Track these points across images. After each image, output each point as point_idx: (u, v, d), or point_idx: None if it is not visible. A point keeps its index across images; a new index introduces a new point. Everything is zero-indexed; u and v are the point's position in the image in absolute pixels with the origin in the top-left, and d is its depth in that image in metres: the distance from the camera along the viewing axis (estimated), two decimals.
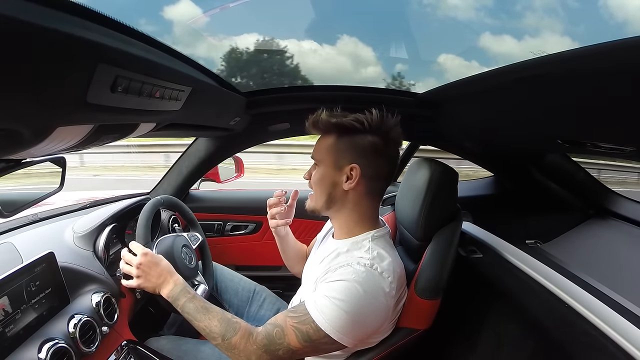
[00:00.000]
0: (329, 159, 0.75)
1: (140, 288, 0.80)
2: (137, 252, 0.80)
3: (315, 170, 0.78)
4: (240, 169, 1.53)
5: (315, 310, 0.65)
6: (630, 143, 0.60)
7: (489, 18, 1.07)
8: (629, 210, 1.14)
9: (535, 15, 1.03)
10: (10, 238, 0.82)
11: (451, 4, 0.92)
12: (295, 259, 1.03)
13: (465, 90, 0.86)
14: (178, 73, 0.60)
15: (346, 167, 0.73)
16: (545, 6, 1.02)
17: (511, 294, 0.90)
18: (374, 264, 0.68)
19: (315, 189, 0.78)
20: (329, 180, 0.75)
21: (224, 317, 0.70)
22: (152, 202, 0.93)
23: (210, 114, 0.96)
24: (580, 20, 1.04)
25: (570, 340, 0.71)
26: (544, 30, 1.00)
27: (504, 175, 1.44)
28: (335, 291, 0.65)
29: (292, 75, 0.97)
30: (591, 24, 1.00)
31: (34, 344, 0.62)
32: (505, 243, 0.95)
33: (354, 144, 0.74)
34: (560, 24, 1.04)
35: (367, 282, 0.65)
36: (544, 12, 1.03)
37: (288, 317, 0.67)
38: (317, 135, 0.80)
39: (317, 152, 0.78)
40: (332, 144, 0.75)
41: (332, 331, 0.64)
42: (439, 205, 0.84)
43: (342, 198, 0.76)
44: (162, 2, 0.83)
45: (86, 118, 0.47)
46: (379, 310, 0.68)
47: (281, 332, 0.66)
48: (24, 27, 0.27)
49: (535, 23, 1.03)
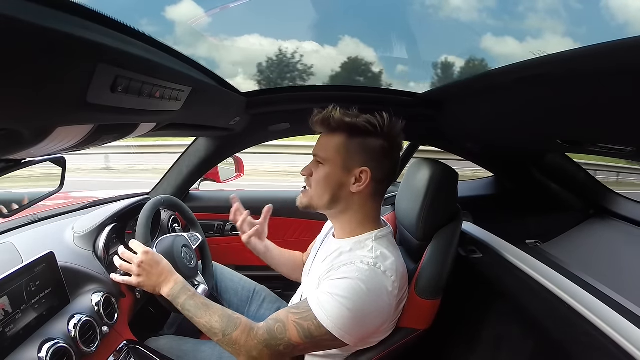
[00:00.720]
0: (337, 159, 0.73)
1: (139, 287, 0.80)
2: (138, 251, 0.79)
3: (318, 168, 0.76)
4: (240, 169, 1.53)
5: (318, 307, 0.65)
6: (630, 143, 0.60)
7: (491, 19, 1.08)
8: (629, 210, 1.14)
9: (537, 16, 1.04)
10: (10, 238, 0.82)
11: (454, 6, 0.93)
12: (290, 268, 1.03)
13: (465, 90, 0.86)
14: (178, 73, 0.59)
15: (356, 169, 0.72)
16: (548, 7, 1.02)
17: (511, 294, 0.90)
18: (377, 262, 0.68)
19: (316, 187, 0.76)
20: (335, 181, 0.74)
21: (225, 313, 0.71)
22: (152, 202, 0.93)
23: (210, 114, 0.96)
24: (582, 22, 1.05)
25: (570, 340, 0.71)
26: (546, 31, 1.01)
27: (504, 175, 1.44)
28: (339, 288, 0.65)
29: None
30: (593, 25, 1.00)
31: (34, 344, 0.62)
32: (505, 243, 0.95)
33: (365, 146, 0.72)
34: (562, 25, 1.04)
35: (370, 281, 0.65)
36: (546, 13, 1.03)
37: (290, 313, 0.67)
38: (319, 133, 0.78)
39: (323, 150, 0.75)
40: (342, 144, 0.73)
41: (333, 328, 0.64)
42: (439, 205, 0.84)
43: (347, 199, 0.75)
44: (163, 2, 0.83)
45: (86, 118, 0.47)
46: (381, 309, 0.68)
47: (283, 327, 0.66)
48: (24, 27, 0.27)
49: (537, 24, 1.04)
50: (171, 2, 0.93)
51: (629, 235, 1.07)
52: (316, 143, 0.78)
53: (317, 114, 0.75)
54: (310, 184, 0.77)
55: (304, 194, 0.79)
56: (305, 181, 0.79)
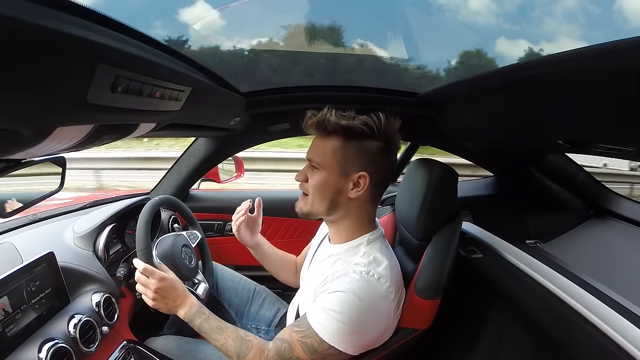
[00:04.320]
0: (334, 164, 0.70)
1: (154, 308, 0.79)
2: (154, 278, 0.77)
3: (313, 173, 0.73)
4: (240, 169, 1.53)
5: (317, 323, 0.66)
6: (630, 143, 0.60)
7: (508, 24, 1.07)
8: (629, 210, 1.14)
9: (554, 20, 1.03)
10: (10, 238, 0.82)
11: (472, 10, 0.92)
12: (279, 268, 1.02)
13: (466, 90, 0.86)
14: (178, 73, 0.59)
15: (354, 174, 0.70)
16: (566, 12, 1.01)
17: (511, 294, 0.90)
18: (370, 270, 0.68)
19: (313, 194, 0.73)
20: (333, 187, 0.71)
21: (238, 335, 0.73)
22: (151, 203, 0.93)
23: (210, 114, 0.96)
24: (599, 25, 1.04)
25: (570, 340, 0.71)
26: (561, 35, 1.00)
27: (504, 175, 1.44)
28: (333, 303, 0.65)
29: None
30: (609, 29, 1.00)
31: (34, 344, 0.62)
32: (505, 243, 0.95)
33: (362, 149, 0.70)
34: (579, 29, 1.04)
35: (363, 291, 0.66)
36: (563, 18, 1.03)
37: (293, 332, 0.69)
38: (312, 136, 0.75)
39: (317, 154, 0.72)
40: (339, 148, 0.70)
41: (335, 342, 0.65)
42: (439, 205, 0.84)
43: (346, 205, 0.73)
44: (176, 4, 0.82)
45: (86, 118, 0.47)
46: (379, 316, 0.68)
47: (289, 347, 0.68)
48: (24, 27, 0.27)
49: (553, 28, 1.03)
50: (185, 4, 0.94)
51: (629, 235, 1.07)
52: (310, 146, 0.74)
53: (311, 116, 0.72)
54: (307, 190, 0.75)
55: (303, 201, 0.76)
56: (300, 187, 0.77)
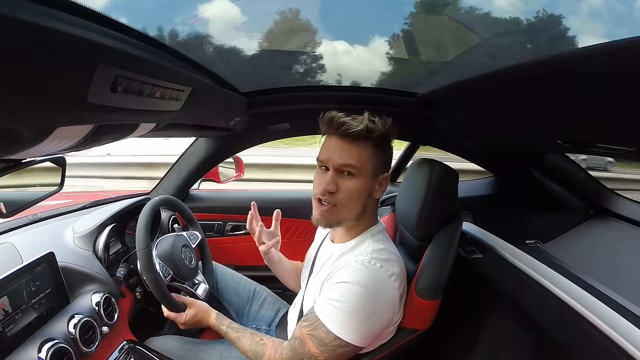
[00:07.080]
0: (369, 170, 0.70)
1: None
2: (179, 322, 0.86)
3: (346, 181, 0.70)
4: (240, 169, 1.53)
5: (323, 315, 0.67)
6: (631, 143, 0.60)
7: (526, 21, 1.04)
8: (629, 210, 1.14)
9: (578, 18, 1.02)
10: (10, 238, 0.82)
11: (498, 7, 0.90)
12: (293, 277, 1.01)
13: (466, 90, 0.86)
14: (178, 73, 0.60)
15: (380, 176, 0.73)
16: (591, 9, 0.99)
17: (511, 294, 0.90)
18: (372, 259, 0.69)
19: (347, 202, 0.70)
20: (367, 192, 0.71)
21: (253, 340, 0.77)
22: (151, 203, 0.93)
23: (210, 114, 0.96)
24: (623, 23, 1.02)
25: (570, 340, 0.71)
26: (584, 33, 0.98)
27: (504, 175, 1.44)
28: (337, 294, 0.66)
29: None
30: (634, 26, 0.98)
31: (34, 344, 0.62)
32: (505, 243, 0.95)
33: (387, 151, 0.74)
34: (604, 27, 1.02)
35: (366, 279, 0.66)
36: (588, 15, 1.01)
37: (302, 327, 0.70)
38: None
39: (353, 160, 0.68)
40: (373, 152, 0.70)
41: (341, 333, 0.65)
42: (439, 205, 0.84)
43: (371, 206, 0.76)
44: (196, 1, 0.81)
45: (86, 118, 0.47)
46: (383, 303, 0.68)
47: (301, 342, 0.69)
48: (23, 26, 0.27)
49: (578, 26, 1.01)
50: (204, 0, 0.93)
51: (629, 235, 1.07)
52: (340, 152, 0.69)
53: (348, 123, 0.68)
54: (339, 200, 0.70)
55: (330, 212, 0.71)
56: (327, 198, 0.70)
